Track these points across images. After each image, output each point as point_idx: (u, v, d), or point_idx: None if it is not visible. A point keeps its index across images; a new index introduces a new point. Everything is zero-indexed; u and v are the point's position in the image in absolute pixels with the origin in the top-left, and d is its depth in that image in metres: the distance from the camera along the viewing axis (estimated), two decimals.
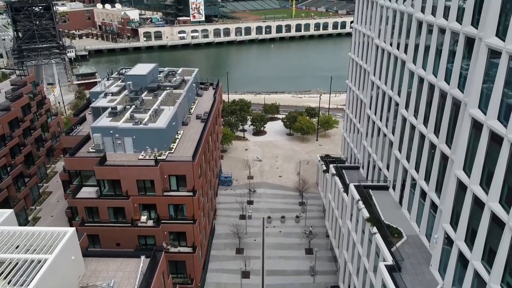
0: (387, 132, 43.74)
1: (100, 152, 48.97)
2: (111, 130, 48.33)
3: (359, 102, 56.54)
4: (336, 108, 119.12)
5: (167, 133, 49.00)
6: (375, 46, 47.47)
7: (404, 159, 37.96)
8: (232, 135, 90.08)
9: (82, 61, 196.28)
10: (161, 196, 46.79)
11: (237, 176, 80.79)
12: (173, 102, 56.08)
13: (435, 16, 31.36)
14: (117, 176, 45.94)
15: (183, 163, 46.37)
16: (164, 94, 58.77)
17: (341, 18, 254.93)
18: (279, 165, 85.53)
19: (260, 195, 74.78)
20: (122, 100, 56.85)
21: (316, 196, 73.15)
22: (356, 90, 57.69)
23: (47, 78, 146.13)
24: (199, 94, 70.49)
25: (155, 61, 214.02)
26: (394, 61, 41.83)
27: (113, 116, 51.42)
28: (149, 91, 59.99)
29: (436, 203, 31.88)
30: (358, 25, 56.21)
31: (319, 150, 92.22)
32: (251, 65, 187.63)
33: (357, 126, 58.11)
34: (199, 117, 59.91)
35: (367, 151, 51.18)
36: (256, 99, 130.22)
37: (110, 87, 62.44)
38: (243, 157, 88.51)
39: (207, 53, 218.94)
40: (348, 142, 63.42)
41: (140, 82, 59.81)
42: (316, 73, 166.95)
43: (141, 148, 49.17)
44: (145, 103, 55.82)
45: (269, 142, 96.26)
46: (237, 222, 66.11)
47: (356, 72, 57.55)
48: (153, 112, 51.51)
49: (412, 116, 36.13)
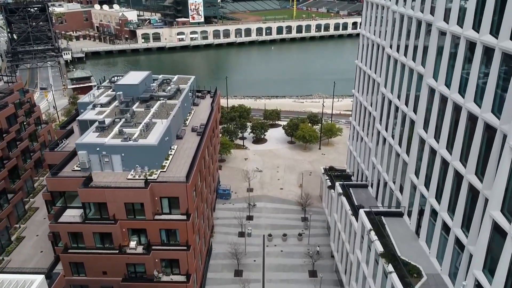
0: (401, 152, 39.59)
1: (86, 170, 44.95)
2: (98, 147, 44.24)
3: (367, 114, 52.37)
4: (339, 114, 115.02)
5: (158, 150, 44.89)
6: (386, 55, 43.32)
7: (422, 185, 33.83)
8: (231, 145, 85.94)
9: (79, 63, 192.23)
10: (152, 221, 42.70)
11: (236, 189, 76.62)
12: (167, 115, 51.97)
13: (462, 27, 27.22)
14: (103, 199, 41.85)
15: (175, 184, 42.25)
16: (157, 105, 54.69)
17: (343, 19, 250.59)
18: (280, 176, 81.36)
19: (261, 210, 70.60)
20: (111, 112, 52.74)
21: (319, 211, 69.04)
22: (364, 102, 53.52)
23: (40, 82, 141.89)
24: (196, 103, 66.36)
25: (154, 63, 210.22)
26: (409, 73, 37.68)
27: (101, 131, 47.33)
28: (141, 102, 55.87)
29: (462, 242, 27.73)
30: (366, 32, 52.05)
31: (322, 159, 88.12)
32: (251, 67, 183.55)
33: (364, 139, 53.96)
34: (195, 130, 55.81)
35: (377, 169, 47.02)
36: (256, 104, 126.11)
37: (100, 97, 58.35)
38: (242, 168, 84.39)
39: (206, 55, 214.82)
40: (354, 156, 59.26)
41: (132, 92, 55.68)
42: (318, 76, 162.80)
43: (131, 167, 45.08)
44: (136, 115, 51.72)
45: (269, 151, 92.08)
46: (236, 240, 62.00)
47: (364, 82, 53.40)
48: (144, 126, 47.41)
49: (432, 139, 31.99)
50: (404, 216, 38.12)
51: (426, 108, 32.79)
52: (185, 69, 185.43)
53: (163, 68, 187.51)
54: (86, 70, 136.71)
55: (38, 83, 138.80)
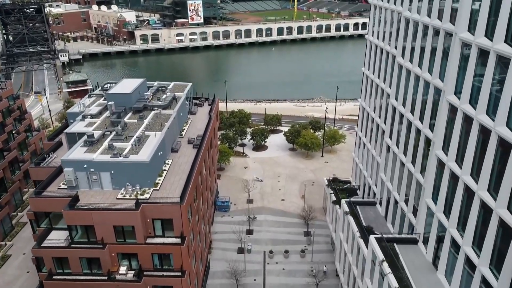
0: (414, 171, 36.26)
1: (72, 189, 41.63)
2: (85, 164, 40.90)
3: (375, 125, 49.01)
4: (341, 118, 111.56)
5: (151, 167, 41.55)
6: (397, 65, 39.96)
7: (441, 212, 30.46)
8: (230, 152, 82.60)
9: (76, 65, 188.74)
10: (143, 244, 39.38)
11: (236, 200, 73.27)
12: (161, 127, 48.63)
13: (492, 40, 23.85)
14: (90, 222, 38.53)
15: (169, 206, 38.91)
16: (151, 116, 51.33)
17: (344, 20, 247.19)
18: (282, 186, 77.98)
19: (261, 223, 67.24)
20: (102, 124, 49.38)
21: (323, 225, 65.72)
22: (371, 112, 50.16)
23: (35, 86, 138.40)
24: (193, 111, 62.99)
25: (152, 65, 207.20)
26: (424, 86, 34.33)
27: (89, 146, 43.99)
28: (134, 112, 52.50)
29: (492, 284, 24.35)
30: (374, 38, 48.69)
31: (325, 168, 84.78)
32: (251, 69, 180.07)
33: (371, 152, 50.60)
34: (191, 142, 52.46)
35: (386, 187, 43.67)
36: (256, 108, 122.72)
37: (91, 106, 54.99)
38: (242, 177, 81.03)
39: (205, 56, 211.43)
40: (360, 169, 55.88)
41: (124, 102, 52.32)
42: (319, 78, 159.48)
43: (121, 185, 41.75)
44: (128, 127, 48.37)
45: (270, 159, 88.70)
46: (235, 257, 58.73)
47: (372, 92, 50.02)
48: (136, 140, 44.07)
49: (453, 162, 28.63)
50: (419, 243, 34.80)
51: (446, 127, 29.42)
52: (184, 71, 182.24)
53: (161, 70, 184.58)
54: (82, 73, 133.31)
55: (33, 86, 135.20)
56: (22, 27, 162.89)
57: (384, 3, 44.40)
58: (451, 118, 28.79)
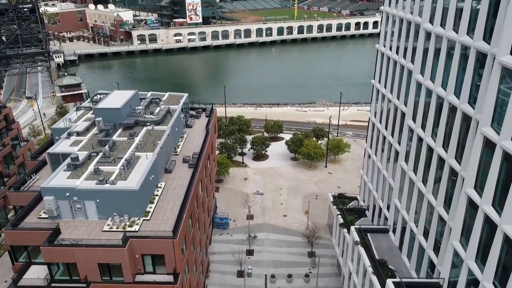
0: (437, 204, 32.17)
1: (54, 219, 37.53)
2: (67, 192, 36.76)
3: (387, 145, 44.89)
4: (345, 124, 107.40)
5: (140, 195, 37.40)
6: (415, 82, 35.76)
7: (473, 260, 26.34)
8: (229, 164, 78.44)
9: (72, 66, 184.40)
10: (132, 283, 35.25)
11: (235, 216, 69.16)
12: (153, 146, 44.47)
13: None
14: (72, 259, 34.42)
15: (160, 241, 34.78)
16: (143, 133, 47.15)
17: (346, 20, 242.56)
18: (284, 200, 73.86)
19: (262, 242, 63.15)
20: (88, 143, 45.19)
21: (328, 244, 61.69)
22: (383, 130, 46.02)
23: (27, 91, 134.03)
24: (189, 124, 58.81)
25: (150, 66, 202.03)
26: (449, 110, 30.20)
27: (73, 169, 39.83)
28: (125, 129, 48.27)
29: None
30: (385, 49, 44.51)
31: (329, 179, 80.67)
32: (251, 71, 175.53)
33: (383, 173, 46.47)
34: (187, 161, 48.31)
35: (401, 215, 39.56)
36: (256, 113, 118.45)
37: (78, 121, 50.76)
38: (242, 189, 76.96)
39: (204, 57, 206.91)
40: (369, 189, 51.75)
41: (114, 117, 48.08)
42: (321, 80, 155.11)
43: (108, 214, 37.66)
44: (117, 147, 44.17)
45: (271, 170, 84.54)
46: (234, 281, 54.86)
47: (383, 108, 45.88)
48: (125, 164, 39.87)
49: (489, 206, 24.45)
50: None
51: (480, 164, 25.26)
52: (182, 73, 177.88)
53: (159, 71, 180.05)
54: (76, 77, 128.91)
55: (26, 91, 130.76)
56: (15, 27, 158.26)
57: (399, 11, 40.18)
58: (486, 154, 24.63)
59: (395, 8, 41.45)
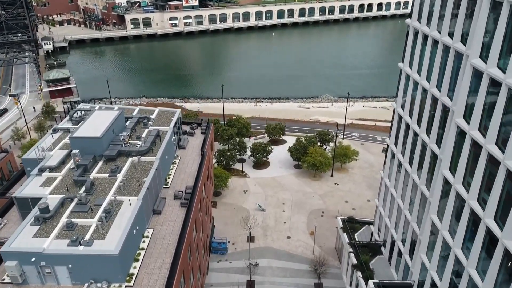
0: (474, 273, 26.19)
1: (19, 285, 31.50)
2: (33, 257, 30.58)
3: (411, 182, 38.60)
4: (351, 123, 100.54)
5: (121, 258, 31.23)
6: (454, 125, 29.10)
7: None
8: (228, 176, 72.16)
9: (62, 53, 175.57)
10: None
11: (234, 237, 63.40)
12: (138, 185, 38.10)
13: None
14: None
15: None
16: (127, 166, 40.71)
17: (349, 1, 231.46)
18: (287, 218, 67.99)
19: (264, 271, 57.52)
20: (63, 182, 38.76)
21: (336, 274, 56.20)
22: (406, 164, 39.64)
23: (12, 86, 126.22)
24: (182, 145, 52.16)
25: (144, 53, 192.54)
26: (488, 160, 23.87)
27: (42, 223, 33.54)
28: (106, 161, 41.71)
29: None
30: (413, 72, 37.57)
31: (336, 192, 74.64)
32: (250, 59, 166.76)
33: (405, 213, 40.34)
34: (179, 197, 42.04)
35: (430, 275, 33.61)
36: (256, 110, 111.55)
37: (54, 149, 44.11)
38: (241, 204, 71.05)
39: (201, 43, 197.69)
40: (387, 225, 45.68)
41: (93, 148, 41.48)
42: (323, 71, 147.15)
43: (83, 280, 31.66)
44: (96, 188, 37.76)
45: (273, 180, 78.34)
46: None
47: (407, 139, 39.21)
48: (104, 215, 33.58)
49: None
50: None
51: None
52: (177, 61, 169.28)
53: (154, 59, 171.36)
54: (64, 70, 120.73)
55: (9, 88, 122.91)
56: (1, 13, 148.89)
57: (432, 31, 33.13)
58: None
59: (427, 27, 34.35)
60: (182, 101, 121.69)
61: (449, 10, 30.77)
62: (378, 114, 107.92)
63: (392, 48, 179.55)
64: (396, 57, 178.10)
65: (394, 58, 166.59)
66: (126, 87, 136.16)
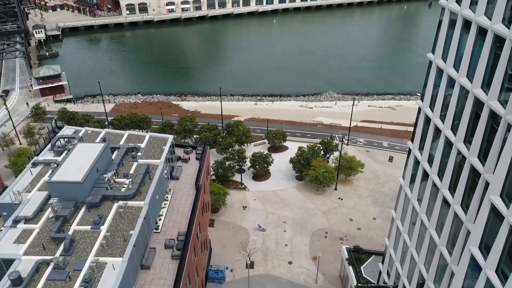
0: None
1: None
2: None
3: (430, 243, 34.48)
4: (355, 126, 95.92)
5: None
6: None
7: None
8: (226, 193, 68.18)
9: (54, 42, 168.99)
10: None
11: (233, 262, 59.93)
12: (124, 241, 34.06)
13: None
14: None
15: None
16: (112, 215, 36.63)
17: None
18: (288, 239, 64.37)
19: None
20: (40, 237, 34.70)
21: None
22: (423, 216, 35.42)
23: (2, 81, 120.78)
24: (175, 176, 47.90)
25: (140, 41, 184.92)
26: None
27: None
28: (89, 208, 37.53)
29: None
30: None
31: (340, 208, 70.82)
32: (250, 50, 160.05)
33: (418, 265, 36.43)
34: (170, 246, 38.13)
35: None
36: (256, 110, 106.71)
37: (32, 190, 39.88)
38: (240, 223, 67.37)
39: (199, 30, 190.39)
40: (398, 270, 41.87)
41: (74, 193, 37.26)
42: (326, 61, 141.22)
43: None
44: (75, 246, 33.74)
45: (274, 194, 74.36)
46: None
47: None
48: (84, 285, 29.69)
49: None
50: None
51: None
52: (174, 52, 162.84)
53: (150, 48, 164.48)
54: (55, 66, 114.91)
55: (0, 84, 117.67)
56: None
57: None
58: None
59: None
60: (179, 98, 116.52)
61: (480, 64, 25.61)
62: (383, 116, 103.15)
63: (398, 36, 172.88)
64: (401, 46, 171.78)
65: (400, 47, 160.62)
66: (121, 81, 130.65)
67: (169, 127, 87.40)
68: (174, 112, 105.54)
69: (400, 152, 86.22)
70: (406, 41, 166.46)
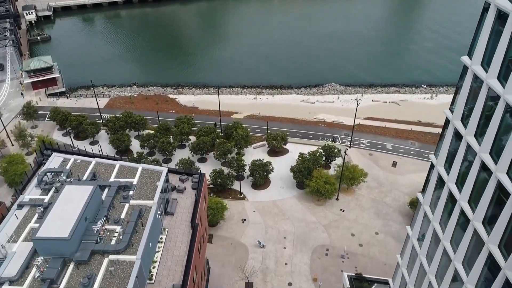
0: None
1: None
2: None
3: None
4: (358, 125, 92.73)
5: None
6: None
7: None
8: (224, 207, 66.19)
9: (46, 23, 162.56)
10: None
11: (231, 284, 58.71)
12: None
13: None
14: None
15: None
16: (102, 273, 34.47)
17: None
18: (288, 257, 62.88)
19: None
20: None
21: None
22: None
23: None
24: (169, 211, 45.48)
25: (135, 21, 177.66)
26: None
27: None
28: (77, 265, 35.34)
29: None
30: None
31: (341, 221, 69.03)
32: (249, 34, 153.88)
33: None
34: None
35: None
36: (256, 106, 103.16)
37: (17, 240, 37.57)
38: (239, 239, 65.74)
39: (197, 10, 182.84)
40: None
41: (61, 250, 34.98)
42: (330, 46, 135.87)
43: None
44: None
45: (273, 205, 72.33)
46: None
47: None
48: None
49: None
50: None
51: None
52: (171, 35, 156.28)
53: (146, 34, 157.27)
54: (46, 57, 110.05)
55: None
56: None
57: None
58: None
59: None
60: (176, 91, 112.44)
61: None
62: (387, 112, 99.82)
63: (405, 17, 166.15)
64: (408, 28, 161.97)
65: (407, 29, 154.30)
66: (116, 69, 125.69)
67: (166, 130, 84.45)
68: (171, 108, 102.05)
69: (404, 156, 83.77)
70: (414, 23, 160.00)
